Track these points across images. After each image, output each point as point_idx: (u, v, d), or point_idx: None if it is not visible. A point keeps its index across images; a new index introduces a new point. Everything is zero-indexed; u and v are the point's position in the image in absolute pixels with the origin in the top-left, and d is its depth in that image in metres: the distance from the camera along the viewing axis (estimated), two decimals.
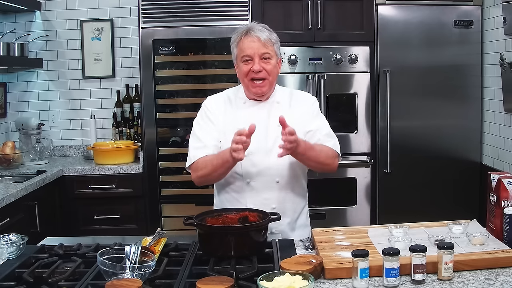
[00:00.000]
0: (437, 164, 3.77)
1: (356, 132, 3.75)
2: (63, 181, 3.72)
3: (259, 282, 1.47)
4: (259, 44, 2.15)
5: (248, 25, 2.24)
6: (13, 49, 3.83)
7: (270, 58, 2.18)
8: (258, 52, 2.15)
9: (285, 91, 2.36)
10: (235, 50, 2.22)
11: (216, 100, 2.32)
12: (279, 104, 2.26)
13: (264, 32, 2.18)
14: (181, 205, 3.73)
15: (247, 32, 2.18)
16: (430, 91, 3.75)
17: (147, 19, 3.68)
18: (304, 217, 2.33)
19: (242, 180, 2.20)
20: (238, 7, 3.68)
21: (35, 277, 1.66)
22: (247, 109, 2.25)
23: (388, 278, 1.57)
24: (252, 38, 2.16)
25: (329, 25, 3.71)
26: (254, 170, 2.18)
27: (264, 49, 2.16)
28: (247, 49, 2.16)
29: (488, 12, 3.67)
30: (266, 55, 2.17)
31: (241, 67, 2.19)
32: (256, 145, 2.16)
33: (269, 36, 2.19)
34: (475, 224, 2.03)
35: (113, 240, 2.02)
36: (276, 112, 2.21)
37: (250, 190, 2.19)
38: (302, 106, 2.28)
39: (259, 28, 2.20)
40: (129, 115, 4.22)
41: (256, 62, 2.15)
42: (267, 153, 2.18)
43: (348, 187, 3.78)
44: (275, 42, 2.21)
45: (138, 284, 1.47)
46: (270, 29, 2.24)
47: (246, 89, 2.25)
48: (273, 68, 2.19)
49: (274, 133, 2.18)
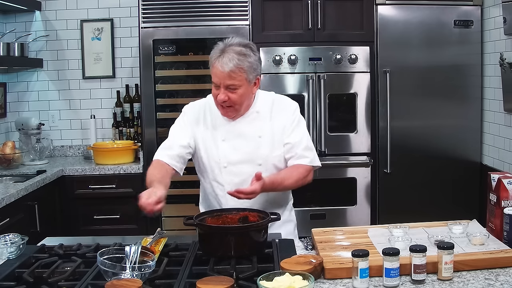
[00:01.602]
0: (437, 164, 3.77)
1: (356, 132, 3.75)
2: (63, 181, 3.72)
3: (259, 282, 1.47)
4: (224, 75, 2.06)
5: (226, 42, 2.12)
6: (13, 49, 3.83)
7: (237, 88, 2.09)
8: (223, 83, 2.08)
9: (267, 98, 2.28)
10: (210, 68, 2.14)
11: (196, 109, 2.30)
12: (258, 113, 2.23)
13: (233, 60, 2.05)
14: (181, 205, 3.73)
15: (219, 57, 2.08)
16: (430, 91, 3.75)
17: (147, 19, 3.68)
18: (288, 213, 2.34)
19: (223, 189, 2.20)
20: (238, 7, 3.68)
21: (35, 277, 1.66)
22: (226, 121, 2.22)
23: (388, 278, 1.57)
24: (219, 66, 2.07)
25: (329, 25, 3.71)
26: (234, 180, 2.19)
27: (230, 80, 2.07)
28: (214, 76, 2.10)
29: (488, 12, 3.67)
30: (231, 86, 2.09)
31: (212, 89, 2.16)
32: (235, 156, 2.20)
33: (238, 65, 2.06)
34: (475, 224, 2.03)
35: (113, 240, 2.02)
36: (256, 123, 2.22)
37: (232, 199, 2.13)
38: (282, 116, 2.24)
39: (230, 56, 2.06)
40: (129, 115, 4.22)
41: (221, 91, 2.10)
42: (246, 164, 2.19)
43: (348, 187, 3.78)
44: (247, 70, 2.08)
45: (138, 284, 1.47)
46: (245, 52, 2.10)
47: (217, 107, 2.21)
48: (240, 97, 2.11)
49: (253, 143, 2.20)
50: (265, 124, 2.23)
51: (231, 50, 2.08)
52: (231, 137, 2.21)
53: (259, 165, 2.19)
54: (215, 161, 2.21)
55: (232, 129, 2.21)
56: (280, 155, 2.23)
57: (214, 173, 2.22)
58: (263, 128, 2.22)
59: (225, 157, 2.19)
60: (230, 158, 2.19)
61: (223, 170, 2.20)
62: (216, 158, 2.21)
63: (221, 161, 2.20)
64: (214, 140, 2.22)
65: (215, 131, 2.22)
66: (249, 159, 2.19)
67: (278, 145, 2.22)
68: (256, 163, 2.19)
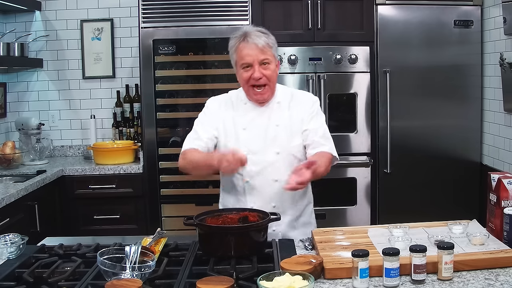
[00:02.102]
0: (437, 164, 3.77)
1: (356, 132, 3.75)
2: (63, 181, 3.72)
3: (259, 282, 1.47)
4: (257, 51, 2.14)
5: (244, 29, 2.21)
6: (13, 49, 3.83)
7: (269, 63, 2.17)
8: (257, 59, 2.15)
9: (286, 91, 2.35)
10: (234, 56, 2.22)
11: (218, 101, 2.34)
12: (279, 104, 2.28)
13: (261, 37, 2.15)
14: (181, 205, 3.73)
15: (244, 37, 2.16)
16: (430, 91, 3.75)
17: (147, 19, 3.68)
18: (308, 216, 2.34)
19: (242, 178, 2.22)
20: (238, 7, 3.68)
21: (35, 277, 1.66)
22: (247, 111, 2.27)
23: (388, 278, 1.57)
24: (249, 44, 2.14)
25: (329, 25, 3.71)
26: (253, 169, 2.20)
27: (263, 55, 2.15)
28: (246, 56, 2.15)
29: (488, 12, 3.67)
30: (265, 61, 2.16)
31: (241, 74, 2.20)
32: (255, 145, 2.21)
33: (267, 41, 2.16)
34: (475, 224, 2.03)
35: (113, 240, 2.02)
36: (276, 113, 2.25)
37: (250, 189, 2.22)
38: (302, 107, 2.28)
39: (256, 33, 2.17)
40: (129, 115, 4.22)
41: (256, 69, 2.15)
42: (265, 152, 2.21)
43: (348, 187, 3.78)
44: (272, 46, 2.19)
45: (138, 284, 1.47)
46: (267, 31, 2.22)
47: (247, 95, 2.26)
48: (273, 73, 2.20)
49: (272, 132, 2.23)
50: (283, 114, 2.25)
51: (252, 31, 2.18)
52: (251, 126, 2.23)
53: (277, 153, 2.21)
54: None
55: (254, 118, 2.24)
56: (299, 145, 2.23)
57: None
58: (281, 117, 2.24)
59: (245, 145, 2.21)
60: (250, 147, 2.21)
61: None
62: (237, 147, 2.21)
63: (242, 149, 2.19)
64: (235, 130, 2.24)
65: (236, 120, 2.25)
66: (268, 147, 2.21)
67: (296, 135, 2.23)
68: (274, 151, 2.21)
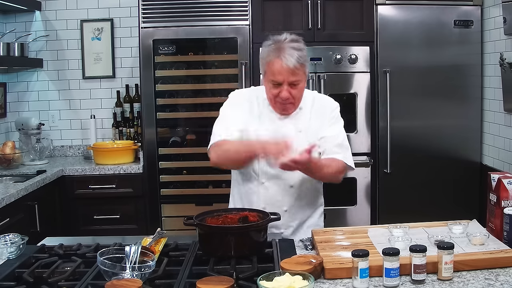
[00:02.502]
0: (437, 164, 3.77)
1: (356, 132, 3.75)
2: (63, 181, 3.72)
3: (259, 282, 1.47)
4: (289, 73, 2.07)
5: (279, 41, 2.11)
6: (13, 49, 3.83)
7: (299, 84, 2.12)
8: (287, 80, 2.08)
9: (308, 95, 2.29)
10: (264, 67, 2.15)
11: (242, 94, 2.31)
12: (301, 110, 2.24)
13: (294, 55, 2.06)
14: (181, 205, 3.73)
15: (279, 54, 2.07)
16: (430, 91, 3.75)
17: (147, 19, 3.67)
18: (317, 218, 2.34)
19: (258, 179, 2.21)
20: (238, 7, 3.68)
21: (35, 277, 1.66)
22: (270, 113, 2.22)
23: (388, 278, 1.57)
24: (282, 63, 2.06)
25: (329, 25, 3.71)
26: (270, 171, 2.19)
27: (293, 77, 2.08)
28: (277, 75, 2.08)
29: (488, 12, 3.67)
30: (295, 82, 2.10)
31: (269, 88, 2.14)
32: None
33: (299, 60, 2.07)
34: (475, 224, 2.03)
35: (113, 240, 2.02)
36: (297, 118, 2.22)
37: (264, 190, 2.21)
38: (323, 112, 2.26)
39: (290, 51, 2.06)
40: (129, 115, 4.22)
41: (284, 89, 2.10)
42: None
43: (348, 187, 3.77)
44: (304, 63, 2.11)
45: (138, 284, 1.47)
46: (300, 46, 2.12)
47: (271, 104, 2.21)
48: (300, 91, 2.15)
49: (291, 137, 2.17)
50: (305, 120, 2.23)
51: (288, 46, 2.08)
52: (272, 128, 2.19)
53: None
54: None
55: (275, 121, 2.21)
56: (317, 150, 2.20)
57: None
58: (303, 124, 2.22)
59: None
60: None
61: (261, 159, 2.17)
62: None
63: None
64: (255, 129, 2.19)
65: (259, 121, 2.21)
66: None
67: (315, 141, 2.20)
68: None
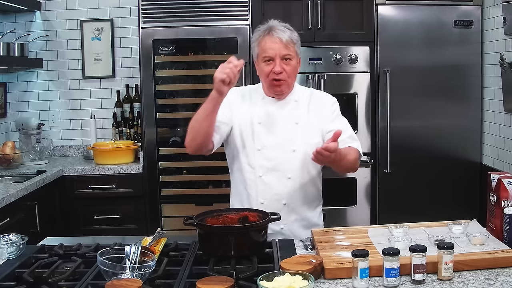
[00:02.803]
0: (437, 164, 3.77)
1: (356, 132, 3.74)
2: (63, 181, 3.72)
3: (259, 282, 1.47)
4: (281, 45, 2.13)
5: (270, 23, 2.21)
6: (13, 49, 3.83)
7: (291, 59, 2.17)
8: (279, 54, 2.14)
9: (305, 90, 2.34)
10: (256, 49, 2.21)
11: (236, 91, 2.32)
12: (297, 102, 2.26)
13: (285, 32, 2.15)
14: (181, 205, 3.73)
15: (269, 31, 2.16)
16: (430, 91, 3.75)
17: (147, 19, 3.68)
18: (317, 217, 2.34)
19: (255, 173, 2.22)
20: (238, 7, 3.68)
21: (35, 277, 1.66)
22: (264, 105, 2.26)
23: (388, 278, 1.57)
24: (274, 38, 2.14)
25: (329, 25, 3.71)
26: (267, 164, 2.20)
27: (286, 50, 2.14)
28: (269, 49, 2.14)
29: (488, 12, 3.67)
30: (287, 56, 2.15)
31: (262, 67, 2.19)
32: (270, 140, 2.21)
33: (291, 36, 2.16)
34: (475, 224, 2.03)
35: (113, 240, 2.02)
36: (293, 111, 2.24)
37: (262, 184, 2.21)
38: (321, 106, 2.28)
39: (281, 28, 2.17)
40: (129, 115, 4.22)
41: (277, 63, 2.14)
42: (280, 149, 2.21)
43: (348, 187, 3.78)
44: (296, 42, 2.18)
45: (138, 284, 1.47)
46: (291, 28, 2.21)
47: (266, 88, 2.26)
48: (293, 69, 2.19)
49: (290, 129, 2.22)
50: (303, 113, 2.25)
51: (278, 25, 2.18)
52: (267, 121, 2.22)
53: (293, 151, 2.20)
54: (250, 143, 2.22)
55: (270, 113, 2.23)
56: (316, 144, 2.19)
57: (248, 156, 2.22)
58: (301, 116, 2.24)
59: (259, 139, 2.21)
60: (264, 141, 2.20)
61: (257, 153, 2.21)
62: (251, 140, 2.22)
63: (256, 143, 2.21)
64: (250, 123, 2.23)
65: (252, 114, 2.24)
66: (284, 144, 2.20)
67: (315, 135, 2.23)
68: (291, 149, 2.20)
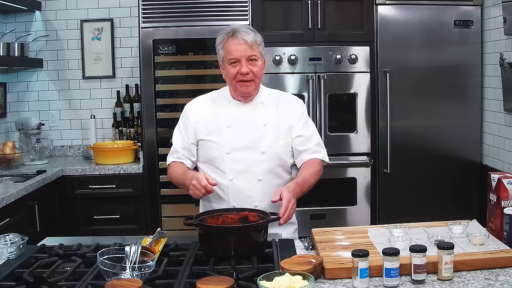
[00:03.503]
0: (437, 164, 3.77)
1: (356, 132, 3.75)
2: (63, 181, 3.72)
3: (259, 282, 1.47)
4: (246, 47, 2.15)
5: (232, 26, 2.23)
6: (13, 49, 3.83)
7: (257, 60, 2.19)
8: (245, 55, 2.16)
9: (271, 92, 2.36)
10: (221, 52, 2.22)
11: (196, 103, 2.37)
12: (263, 104, 2.28)
13: (249, 34, 2.17)
14: (181, 205, 3.73)
15: (233, 34, 2.17)
16: (430, 91, 3.75)
17: (147, 19, 3.68)
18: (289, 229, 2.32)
19: (225, 177, 2.22)
20: (238, 7, 3.68)
21: (35, 277, 1.66)
22: (231, 108, 2.28)
23: (388, 278, 1.57)
24: (238, 40, 2.15)
25: (329, 25, 3.71)
26: (236, 167, 2.21)
27: (251, 51, 2.16)
28: (234, 51, 2.16)
29: (488, 12, 3.67)
30: (252, 57, 2.17)
31: (228, 70, 2.20)
32: (239, 143, 2.22)
33: (255, 38, 2.18)
34: (475, 224, 2.03)
35: (113, 240, 2.02)
36: (262, 112, 2.26)
37: (233, 187, 2.22)
38: (289, 109, 2.30)
39: (244, 30, 2.19)
40: (129, 115, 4.22)
41: (243, 64, 2.16)
42: (249, 151, 2.22)
43: (348, 187, 3.78)
44: (260, 43, 2.21)
45: (138, 284, 1.47)
46: (254, 30, 2.24)
47: (233, 90, 2.27)
48: (259, 70, 2.21)
49: (258, 131, 2.23)
50: (271, 114, 2.26)
51: (241, 28, 2.20)
52: (235, 124, 2.24)
53: (262, 153, 2.21)
54: (219, 148, 2.23)
55: (237, 116, 2.25)
56: (285, 145, 2.25)
57: (217, 160, 2.24)
58: (269, 117, 2.25)
59: (228, 143, 2.22)
60: (233, 145, 2.22)
61: (226, 156, 2.22)
62: (220, 145, 2.23)
63: (225, 147, 2.22)
64: (218, 128, 2.24)
65: (220, 119, 2.26)
66: (253, 146, 2.22)
67: (284, 136, 2.25)
68: (260, 151, 2.21)
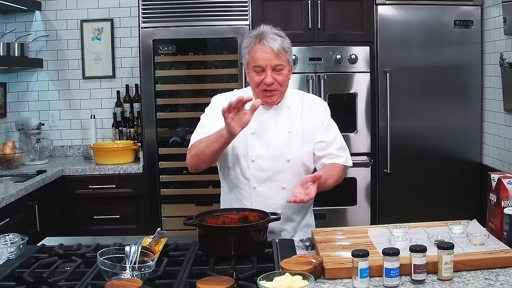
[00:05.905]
0: (437, 164, 3.77)
1: (356, 132, 3.75)
2: (63, 181, 3.72)
3: (259, 282, 1.47)
4: (272, 55, 2.05)
5: (261, 29, 2.12)
6: (13, 49, 3.83)
7: (283, 69, 2.09)
8: (270, 64, 2.06)
9: (295, 94, 2.28)
10: (246, 57, 2.12)
11: (226, 98, 2.24)
12: (289, 109, 2.21)
13: (277, 40, 2.06)
14: (181, 205, 3.73)
15: (260, 39, 2.07)
16: (430, 91, 3.75)
17: (147, 19, 3.68)
18: (308, 217, 2.32)
19: (249, 185, 2.17)
20: (238, 7, 3.68)
21: (35, 277, 1.66)
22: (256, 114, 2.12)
23: (388, 278, 1.57)
24: (265, 48, 2.05)
25: (329, 25, 3.71)
26: (261, 175, 2.16)
27: (277, 60, 2.06)
28: (260, 59, 2.06)
29: (488, 12, 3.67)
30: (278, 66, 2.08)
31: (253, 77, 2.11)
32: (264, 150, 2.15)
33: (282, 45, 2.07)
34: (475, 224, 2.03)
35: (113, 240, 2.02)
36: (286, 118, 2.19)
37: (257, 195, 2.17)
38: (313, 113, 2.23)
39: (272, 36, 2.07)
40: (129, 115, 4.22)
41: (268, 74, 2.07)
42: (275, 159, 2.16)
43: (348, 187, 3.77)
44: (288, 50, 2.10)
45: (138, 284, 1.47)
46: (283, 34, 2.12)
47: (256, 97, 2.15)
48: (285, 78, 2.12)
49: (283, 139, 2.17)
50: (295, 120, 2.20)
51: (269, 33, 2.09)
52: (261, 131, 2.16)
53: (287, 161, 2.16)
54: (243, 154, 2.16)
55: (263, 122, 2.16)
56: (310, 152, 2.19)
57: (241, 167, 2.17)
58: (294, 124, 2.19)
59: (253, 150, 2.15)
60: (258, 152, 2.15)
61: (251, 164, 2.15)
62: (244, 151, 2.15)
63: (249, 154, 2.15)
64: (243, 133, 2.05)
65: None
66: (278, 154, 2.15)
67: (308, 142, 2.19)
68: (285, 159, 2.16)
